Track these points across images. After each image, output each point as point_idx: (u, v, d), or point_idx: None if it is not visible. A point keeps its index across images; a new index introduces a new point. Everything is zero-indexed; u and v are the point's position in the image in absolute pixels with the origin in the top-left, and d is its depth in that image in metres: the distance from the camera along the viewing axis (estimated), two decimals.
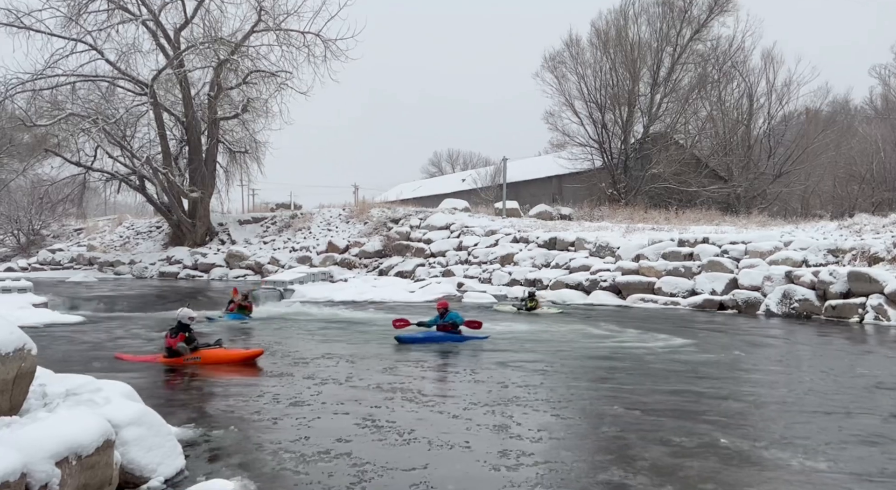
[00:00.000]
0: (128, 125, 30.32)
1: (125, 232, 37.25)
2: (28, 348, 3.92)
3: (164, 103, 29.72)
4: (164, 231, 34.38)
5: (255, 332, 13.26)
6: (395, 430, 5.69)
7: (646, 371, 8.89)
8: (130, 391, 5.08)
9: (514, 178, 37.03)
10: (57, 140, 29.32)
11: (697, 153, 36.35)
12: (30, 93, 27.79)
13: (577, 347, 11.07)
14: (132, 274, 30.16)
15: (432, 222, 28.35)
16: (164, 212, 31.80)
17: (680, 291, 19.03)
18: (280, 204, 41.69)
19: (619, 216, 29.39)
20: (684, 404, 6.94)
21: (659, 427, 5.98)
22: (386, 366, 8.99)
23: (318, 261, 28.11)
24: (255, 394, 7.40)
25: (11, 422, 3.64)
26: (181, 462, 4.77)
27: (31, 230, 39.04)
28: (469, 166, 69.37)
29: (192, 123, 29.88)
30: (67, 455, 3.55)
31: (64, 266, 33.15)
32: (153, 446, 4.55)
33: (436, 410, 6.19)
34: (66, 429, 3.66)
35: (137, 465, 4.40)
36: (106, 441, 3.90)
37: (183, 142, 31.57)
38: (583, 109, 36.44)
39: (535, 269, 23.00)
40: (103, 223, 41.04)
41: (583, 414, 6.43)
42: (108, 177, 31.36)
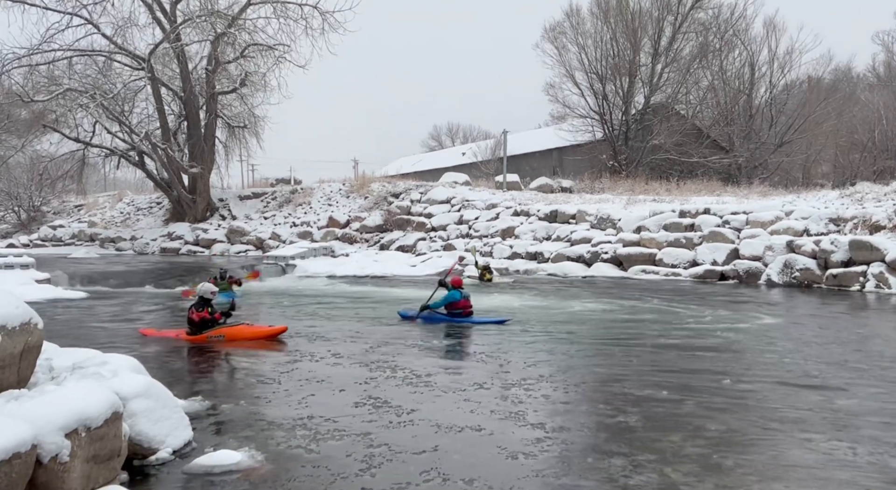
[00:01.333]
0: (126, 100, 30.09)
1: (125, 208, 37.22)
2: (34, 322, 3.93)
3: (162, 78, 29.44)
4: (165, 207, 34.33)
5: (261, 308, 13.30)
6: (403, 408, 5.65)
7: (635, 342, 8.92)
8: (137, 364, 5.10)
9: (515, 151, 36.83)
10: (55, 116, 29.12)
11: (699, 123, 36.08)
12: (26, 68, 27.51)
13: (580, 322, 11.11)
14: (133, 250, 30.20)
15: (433, 196, 28.27)
16: (164, 187, 31.72)
17: (681, 262, 19.06)
18: (280, 179, 41.49)
19: (620, 188, 29.30)
20: (687, 380, 6.98)
21: (658, 399, 6.02)
22: (393, 343, 8.99)
23: (319, 236, 28.11)
24: (262, 369, 7.44)
25: (20, 395, 3.66)
26: (189, 434, 4.81)
27: (31, 207, 39.03)
28: (469, 140, 68.95)
29: (191, 98, 29.65)
30: (77, 427, 3.57)
31: (65, 242, 33.21)
32: (161, 418, 4.58)
33: (446, 390, 6.12)
34: (74, 401, 3.68)
35: (145, 436, 4.44)
36: (114, 413, 3.92)
37: (181, 117, 31.35)
38: (583, 80, 36.14)
39: (537, 242, 23.00)
40: (103, 199, 40.99)
41: (589, 393, 6.44)
42: (107, 152, 31.20)
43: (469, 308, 10.51)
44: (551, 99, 39.38)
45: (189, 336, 9.13)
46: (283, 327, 9.53)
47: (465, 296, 10.51)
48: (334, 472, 4.25)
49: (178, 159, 29.39)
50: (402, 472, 4.22)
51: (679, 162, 33.42)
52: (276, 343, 8.97)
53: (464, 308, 10.43)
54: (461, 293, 10.50)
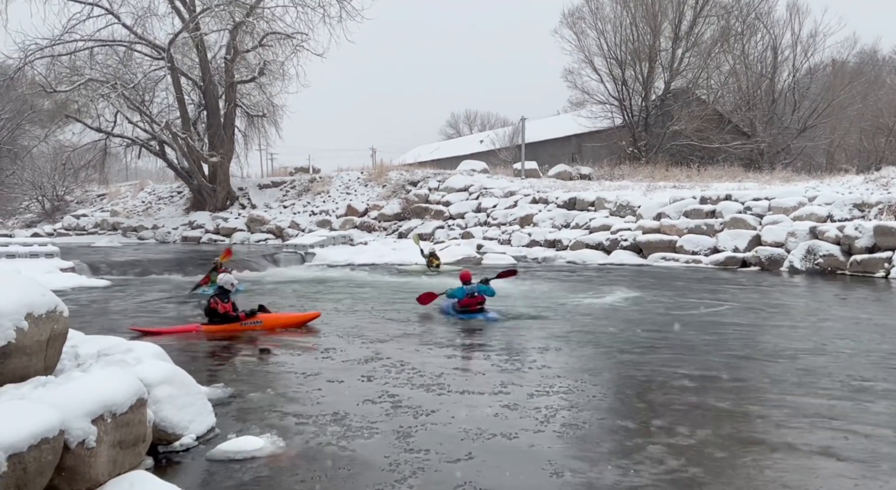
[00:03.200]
0: (146, 90, 30.34)
1: (147, 197, 37.61)
2: (60, 310, 3.97)
3: (182, 67, 29.62)
4: (186, 196, 34.65)
5: (280, 296, 13.39)
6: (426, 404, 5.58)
7: (653, 330, 8.85)
8: (160, 352, 5.16)
9: (533, 138, 36.62)
10: (77, 106, 29.45)
11: (720, 109, 35.59)
12: (49, 59, 27.79)
13: (600, 312, 11.05)
14: (155, 238, 30.54)
15: (451, 184, 28.21)
16: (184, 177, 32.00)
17: (702, 249, 18.89)
18: (299, 168, 41.61)
19: (640, 175, 29.05)
20: (712, 372, 6.91)
21: (686, 393, 5.97)
22: (416, 335, 8.92)
23: (338, 224, 28.21)
24: (284, 358, 7.48)
25: (47, 381, 3.71)
26: (212, 420, 4.86)
27: (55, 196, 39.61)
28: (487, 127, 68.68)
29: (210, 87, 29.82)
30: (103, 413, 3.61)
31: (88, 231, 33.68)
32: (184, 405, 4.63)
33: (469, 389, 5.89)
34: (100, 387, 3.72)
35: (170, 422, 4.49)
36: (139, 399, 3.97)
37: (201, 106, 31.54)
38: (602, 66, 35.78)
39: (555, 229, 22.90)
40: (125, 189, 41.45)
41: (615, 389, 6.34)
42: (128, 142, 31.52)
43: (477, 304, 9.84)
44: (570, 85, 39.11)
45: (214, 326, 8.92)
46: (317, 313, 9.54)
47: (469, 292, 9.86)
48: (356, 462, 4.27)
49: (198, 148, 29.58)
50: (427, 468, 4.18)
51: (700, 148, 33.02)
52: (298, 332, 9.02)
53: (470, 304, 9.82)
54: (465, 290, 9.92)
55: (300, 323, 9.32)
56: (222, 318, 8.97)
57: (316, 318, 9.44)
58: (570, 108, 46.71)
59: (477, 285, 10.04)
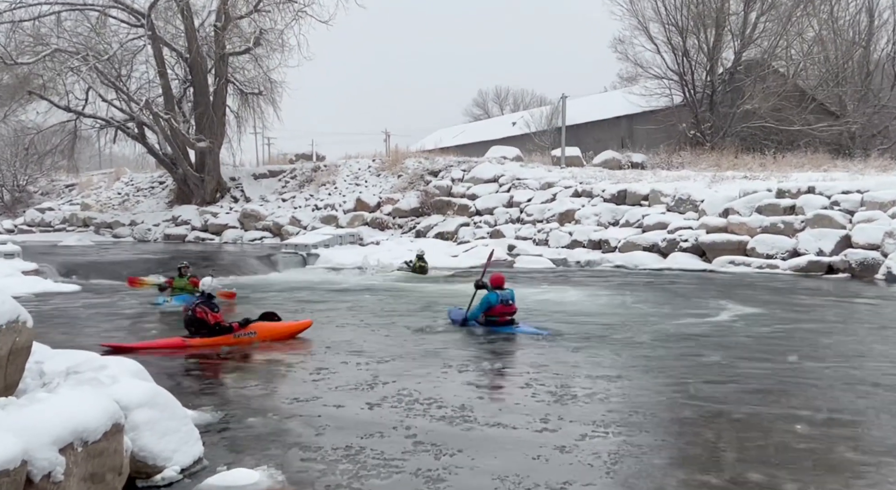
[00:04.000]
0: (123, 63, 30.68)
1: (124, 188, 38.10)
2: (23, 320, 4.01)
3: (164, 37, 29.90)
4: (169, 187, 35.03)
5: (276, 305, 13.46)
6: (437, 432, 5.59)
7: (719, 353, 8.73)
8: (139, 369, 5.19)
9: (575, 119, 36.46)
10: (42, 81, 29.82)
11: (802, 84, 35.15)
12: (8, 25, 28.13)
13: (654, 329, 10.96)
14: (133, 236, 30.91)
15: (477, 174, 28.19)
16: (167, 165, 32.34)
17: (778, 252, 18.68)
18: (300, 155, 41.85)
19: (704, 163, 28.82)
20: (775, 408, 6.80)
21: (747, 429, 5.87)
22: (429, 350, 8.97)
23: (346, 221, 28.33)
24: (280, 376, 7.52)
25: (7, 403, 3.74)
26: (199, 449, 4.87)
27: (15, 186, 40.24)
28: (521, 107, 68.52)
29: (197, 60, 30.07)
30: (72, 441, 3.63)
31: (55, 228, 34.21)
32: (167, 431, 4.65)
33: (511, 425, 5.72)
34: (69, 411, 3.74)
35: (150, 452, 4.51)
36: (114, 425, 3.99)
37: (187, 82, 31.84)
38: (660, 34, 35.48)
39: (601, 227, 22.78)
40: (98, 178, 42.04)
41: (686, 431, 6.22)
42: (102, 124, 31.94)
43: (507, 315, 9.77)
44: (620, 57, 38.88)
45: (197, 340, 8.95)
46: (308, 322, 9.77)
47: (503, 299, 9.77)
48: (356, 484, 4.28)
49: (184, 132, 29.84)
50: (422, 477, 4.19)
51: (777, 130, 32.65)
52: (296, 346, 9.05)
53: (500, 314, 9.73)
54: (498, 296, 9.79)
55: (292, 333, 9.59)
56: (211, 329, 9.00)
57: (307, 327, 9.69)
58: (620, 85, 46.45)
59: (510, 291, 9.94)
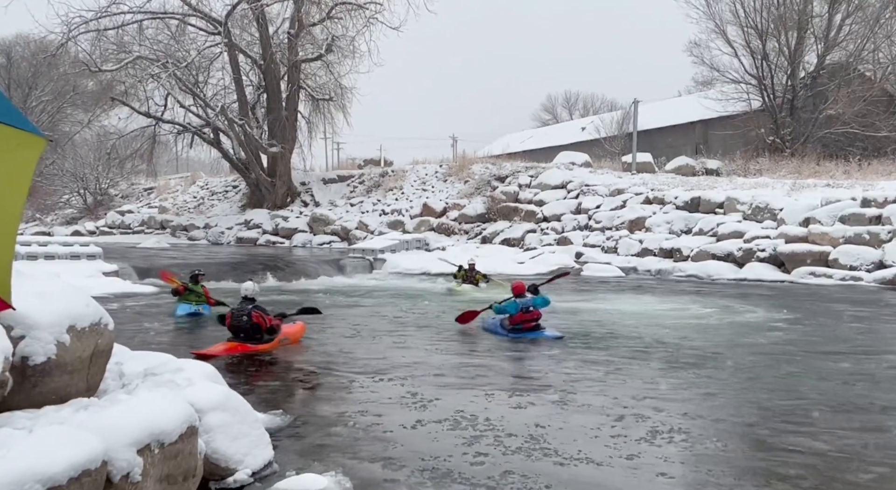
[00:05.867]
0: (200, 69, 31.66)
1: (199, 192, 39.25)
2: (105, 323, 4.12)
3: (240, 44, 30.75)
4: (242, 191, 35.91)
5: (341, 306, 13.61)
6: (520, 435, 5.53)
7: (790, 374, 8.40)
8: (213, 372, 5.27)
9: (647, 124, 35.97)
10: (124, 87, 31.05)
11: (890, 88, 33.86)
12: (94, 33, 29.36)
13: (728, 343, 10.65)
14: (207, 239, 31.81)
15: (545, 180, 28.03)
16: (241, 169, 33.13)
17: (863, 263, 18.07)
18: (368, 160, 42.43)
19: (783, 170, 28.12)
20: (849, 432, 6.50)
21: None
22: (505, 355, 8.97)
23: (412, 226, 28.51)
24: (349, 381, 7.55)
25: (89, 404, 3.84)
26: (269, 453, 4.92)
27: (98, 189, 41.87)
28: (590, 112, 67.88)
29: (271, 67, 30.79)
30: (150, 442, 3.70)
31: (134, 230, 35.50)
32: (239, 435, 4.70)
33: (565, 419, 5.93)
34: (147, 413, 3.82)
35: (223, 455, 4.56)
36: (190, 427, 4.05)
37: (260, 88, 32.60)
38: (738, 37, 34.74)
39: (673, 236, 22.39)
40: (175, 182, 43.47)
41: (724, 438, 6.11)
42: (179, 129, 32.97)
43: (531, 321, 9.83)
44: (696, 60, 38.10)
45: (253, 346, 9.02)
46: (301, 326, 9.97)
47: (523, 306, 9.83)
48: None
49: (257, 137, 30.58)
50: None
51: (862, 137, 31.58)
52: (366, 351, 9.10)
53: (522, 322, 9.81)
54: (518, 304, 9.86)
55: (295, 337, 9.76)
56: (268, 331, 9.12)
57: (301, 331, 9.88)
58: (695, 89, 45.46)
59: (531, 298, 10.00)
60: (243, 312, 9.01)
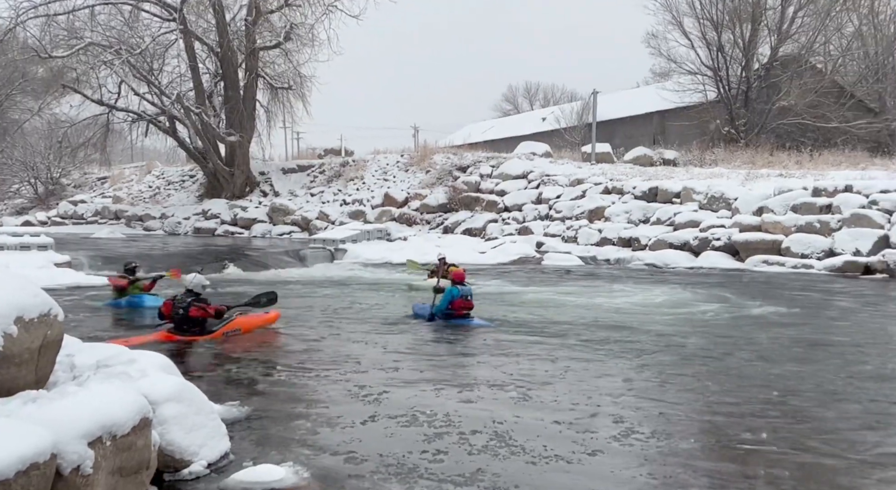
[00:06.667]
0: (155, 57, 31.09)
1: (155, 181, 38.59)
2: (54, 313, 4.05)
3: (196, 31, 30.24)
4: (199, 181, 35.41)
5: (301, 296, 13.54)
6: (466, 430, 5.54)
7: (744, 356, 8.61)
8: (168, 363, 5.21)
9: (606, 115, 36.23)
10: (76, 74, 30.31)
11: (840, 80, 34.61)
12: (43, 18, 28.60)
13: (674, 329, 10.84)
14: (164, 230, 31.35)
15: (506, 170, 28.13)
16: (198, 158, 32.69)
17: (814, 252, 18.47)
18: (329, 150, 42.17)
19: (738, 160, 28.58)
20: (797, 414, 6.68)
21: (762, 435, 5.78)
22: (461, 347, 9.04)
23: (373, 216, 28.43)
24: (306, 371, 7.51)
25: (38, 396, 3.77)
26: (226, 444, 4.88)
27: (49, 179, 40.93)
28: (551, 102, 68.30)
29: (228, 54, 30.36)
30: (101, 434, 3.65)
31: (87, 220, 34.77)
32: (195, 426, 4.66)
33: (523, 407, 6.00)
34: (98, 405, 3.76)
35: (178, 446, 4.52)
36: (143, 419, 4.00)
37: (217, 76, 32.14)
38: (694, 29, 35.16)
39: (631, 225, 22.66)
40: (130, 171, 42.67)
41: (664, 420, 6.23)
42: (134, 117, 32.36)
43: (465, 309, 10.37)
44: (653, 52, 38.48)
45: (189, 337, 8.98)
46: (276, 314, 9.90)
47: (464, 294, 10.40)
48: (383, 482, 4.28)
49: (214, 125, 30.17)
50: None
51: (813, 128, 32.20)
52: (324, 343, 9.05)
53: (459, 308, 10.33)
54: (460, 291, 10.42)
55: (265, 325, 9.73)
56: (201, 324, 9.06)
57: (275, 319, 9.82)
58: (653, 80, 46.04)
59: (469, 288, 10.65)
60: (181, 305, 9.02)
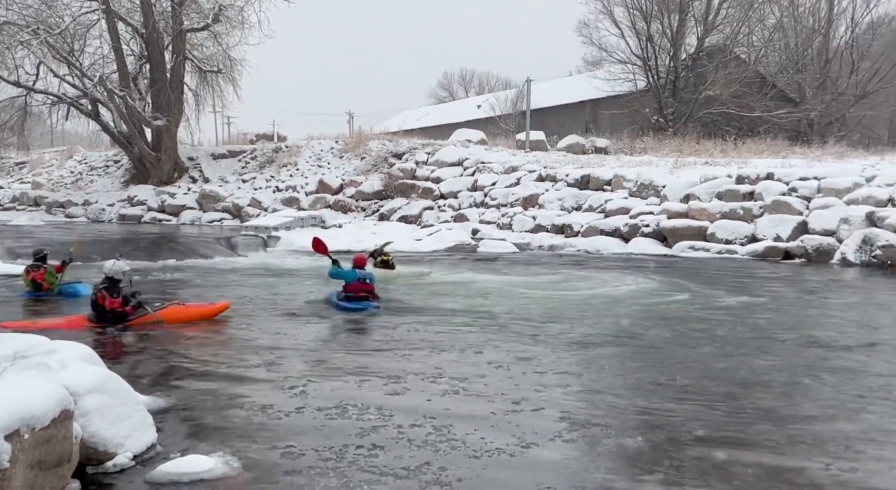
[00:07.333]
0: (75, 37, 30.01)
1: (77, 167, 37.37)
2: None
3: (119, 11, 29.32)
4: (124, 166, 34.46)
5: (231, 285, 13.34)
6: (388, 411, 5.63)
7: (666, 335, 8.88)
8: (90, 354, 5.10)
9: (540, 103, 36.53)
10: None
11: (763, 71, 35.60)
12: None
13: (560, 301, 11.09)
14: (87, 217, 30.51)
15: (442, 157, 28.16)
16: (122, 143, 31.80)
17: (737, 237, 19.00)
18: (261, 135, 41.51)
19: (666, 148, 29.08)
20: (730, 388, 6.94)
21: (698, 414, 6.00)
22: (386, 332, 9.04)
23: (308, 203, 28.16)
24: (236, 360, 7.44)
25: None
26: (152, 436, 4.82)
27: None
28: (486, 90, 68.54)
29: (154, 36, 29.55)
30: (19, 427, 3.57)
31: (4, 206, 33.56)
32: (119, 417, 4.59)
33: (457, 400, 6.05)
34: (15, 397, 3.67)
35: (101, 438, 4.44)
36: (63, 411, 3.92)
37: (143, 58, 31.31)
38: (624, 18, 35.63)
39: (564, 212, 22.95)
40: (50, 156, 41.13)
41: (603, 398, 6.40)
42: (53, 100, 31.20)
43: (364, 292, 10.47)
44: (585, 41, 38.96)
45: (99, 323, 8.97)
46: (225, 305, 9.65)
47: (361, 277, 10.51)
48: (318, 476, 4.29)
49: (140, 109, 29.40)
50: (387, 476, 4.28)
51: (738, 117, 33.08)
52: (253, 332, 8.92)
53: (356, 291, 10.45)
54: (357, 274, 10.54)
55: (206, 317, 9.47)
56: (109, 315, 8.95)
57: (224, 309, 9.58)
58: (585, 69, 46.65)
59: (370, 273, 10.74)
60: (95, 291, 9.05)
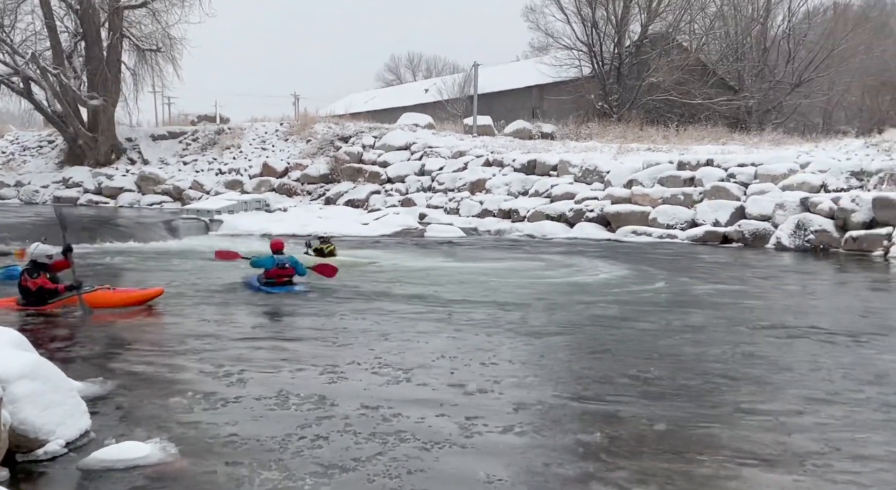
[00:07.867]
0: (6, 12, 29.12)
1: (8, 147, 36.16)
2: None
3: None
4: (59, 147, 33.51)
5: (169, 270, 13.09)
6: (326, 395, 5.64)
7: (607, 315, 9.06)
8: (20, 339, 4.95)
9: (487, 88, 36.62)
10: None
11: (704, 58, 36.31)
12: None
13: (506, 285, 11.23)
14: (19, 198, 29.86)
15: (389, 141, 28.04)
16: (57, 123, 30.93)
17: (678, 222, 19.38)
18: (203, 116, 40.61)
19: (611, 135, 29.49)
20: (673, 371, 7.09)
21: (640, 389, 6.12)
22: (323, 315, 9.02)
23: (251, 186, 27.82)
24: (175, 345, 7.33)
25: None
26: (86, 422, 4.72)
27: None
28: (433, 74, 68.40)
29: (89, 12, 28.77)
30: None
31: None
32: (51, 404, 4.48)
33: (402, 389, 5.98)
34: None
35: (31, 425, 4.34)
36: None
37: (78, 36, 30.46)
38: (570, 4, 36.00)
39: (511, 197, 23.11)
40: None
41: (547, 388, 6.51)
42: None
43: (284, 276, 10.61)
44: (531, 26, 39.30)
45: (24, 306, 8.95)
46: (159, 290, 9.41)
47: (279, 263, 10.59)
48: (259, 467, 4.24)
49: (75, 88, 28.62)
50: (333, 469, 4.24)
51: (679, 104, 33.68)
52: (188, 317, 8.77)
53: (277, 276, 10.57)
54: (275, 259, 10.63)
55: (138, 302, 9.24)
56: (35, 295, 8.88)
57: (158, 296, 9.34)
58: (532, 54, 46.90)
59: (289, 257, 10.85)
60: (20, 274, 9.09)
